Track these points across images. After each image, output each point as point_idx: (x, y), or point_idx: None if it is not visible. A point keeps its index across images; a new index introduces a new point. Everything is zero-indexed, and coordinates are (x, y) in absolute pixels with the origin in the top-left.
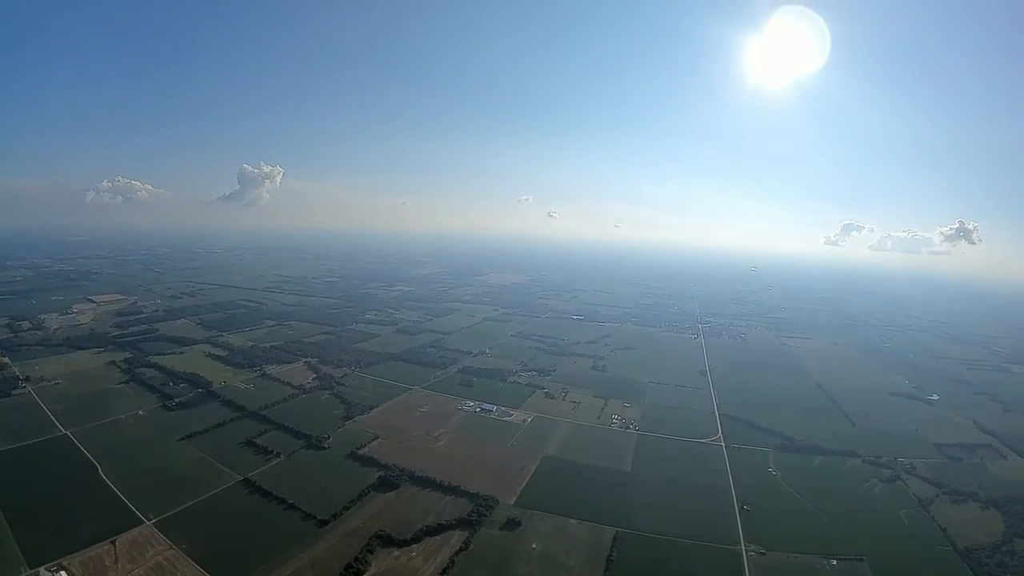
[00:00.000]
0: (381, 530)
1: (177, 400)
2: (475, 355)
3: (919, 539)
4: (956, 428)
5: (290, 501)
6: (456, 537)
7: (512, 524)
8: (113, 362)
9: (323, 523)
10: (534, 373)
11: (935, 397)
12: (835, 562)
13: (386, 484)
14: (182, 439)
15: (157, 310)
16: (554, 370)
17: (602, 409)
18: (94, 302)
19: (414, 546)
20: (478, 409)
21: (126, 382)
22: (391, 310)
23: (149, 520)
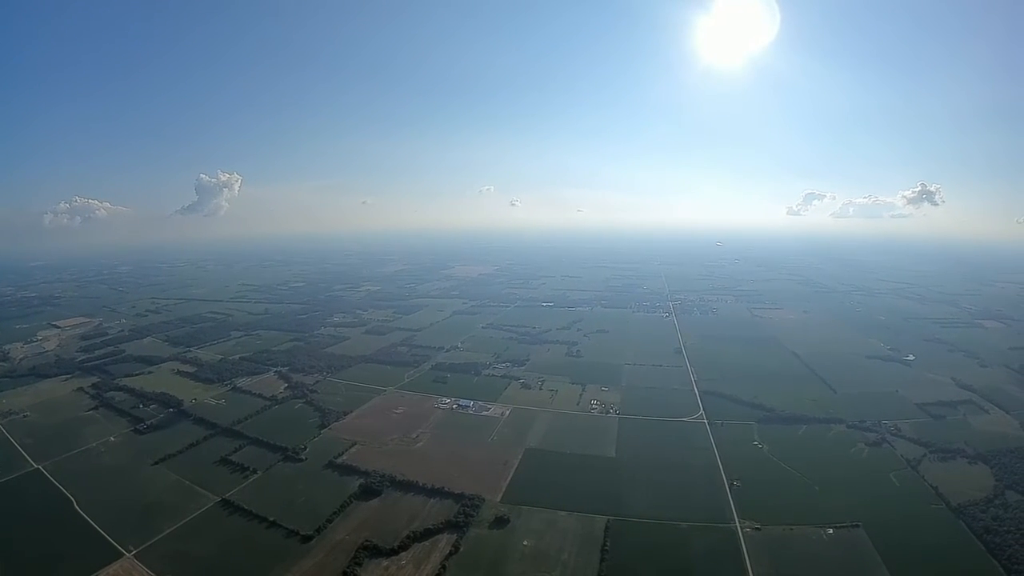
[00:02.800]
0: (367, 540)
1: (148, 423)
2: (447, 350)
3: (912, 500)
4: (935, 386)
5: (271, 519)
6: (445, 541)
7: (501, 522)
8: (81, 388)
9: (307, 539)
10: (508, 364)
11: (911, 357)
12: (831, 531)
13: (368, 492)
14: (156, 463)
15: (123, 330)
16: (528, 359)
17: (580, 395)
18: (59, 327)
19: (403, 554)
20: (455, 406)
21: (95, 408)
22: (359, 311)
23: (129, 552)
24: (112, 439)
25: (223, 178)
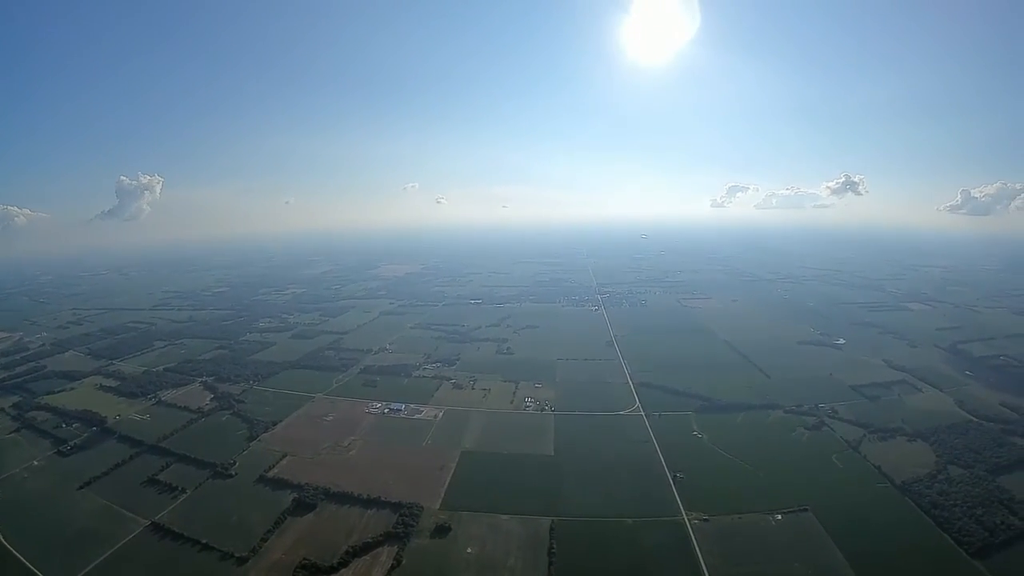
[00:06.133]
0: (305, 559)
1: (71, 443)
2: (376, 352)
3: (857, 480)
4: (868, 368)
5: (204, 541)
6: (385, 554)
7: (442, 530)
8: (2, 409)
9: (243, 560)
10: (439, 364)
11: (842, 341)
12: (780, 516)
13: (302, 506)
14: (81, 487)
15: (44, 344)
16: (459, 359)
17: (514, 393)
18: None
19: (342, 571)
20: (386, 410)
21: (17, 430)
22: (285, 315)
23: None
24: (36, 463)
25: (144, 180)
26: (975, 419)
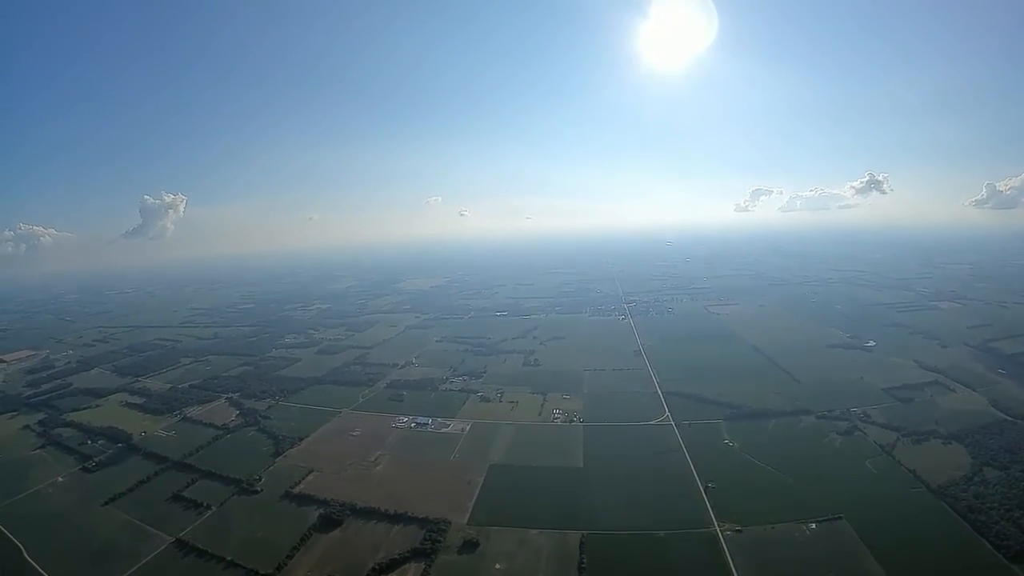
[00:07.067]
0: None
1: (96, 460)
2: (402, 367)
3: (891, 485)
4: (899, 370)
5: (228, 558)
6: (412, 571)
7: (470, 546)
8: (28, 426)
9: None
10: (465, 377)
11: (872, 343)
12: (814, 525)
13: (328, 522)
14: (106, 503)
15: (70, 362)
16: (485, 371)
17: (542, 405)
18: (4, 361)
19: None
20: (413, 424)
21: (43, 446)
22: (311, 331)
23: None
24: (60, 479)
25: (168, 199)
26: (1010, 418)
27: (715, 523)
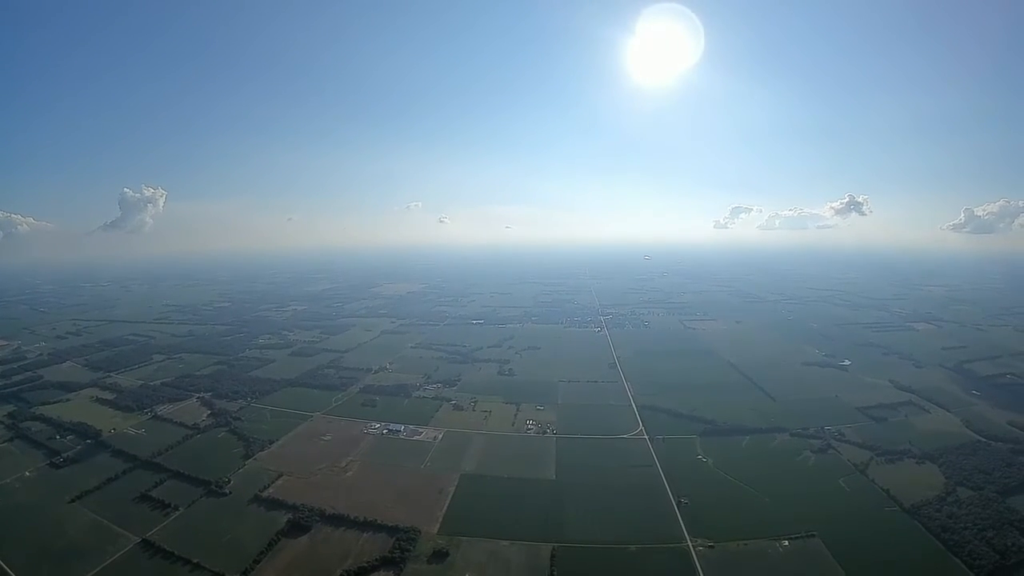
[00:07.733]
0: None
1: (64, 455)
2: (376, 372)
3: (865, 504)
4: (874, 390)
5: (195, 560)
6: None
7: (439, 556)
8: None
9: None
10: (439, 385)
11: (847, 362)
12: (787, 543)
13: (297, 528)
14: (72, 500)
15: (42, 354)
16: (460, 379)
17: (515, 415)
18: None
19: None
20: (385, 431)
21: (11, 440)
22: (285, 332)
23: None
24: (27, 473)
25: (147, 193)
26: (983, 439)
27: (687, 538)
